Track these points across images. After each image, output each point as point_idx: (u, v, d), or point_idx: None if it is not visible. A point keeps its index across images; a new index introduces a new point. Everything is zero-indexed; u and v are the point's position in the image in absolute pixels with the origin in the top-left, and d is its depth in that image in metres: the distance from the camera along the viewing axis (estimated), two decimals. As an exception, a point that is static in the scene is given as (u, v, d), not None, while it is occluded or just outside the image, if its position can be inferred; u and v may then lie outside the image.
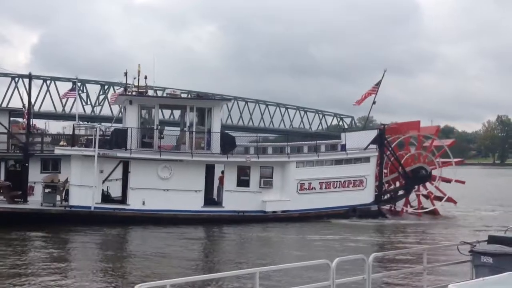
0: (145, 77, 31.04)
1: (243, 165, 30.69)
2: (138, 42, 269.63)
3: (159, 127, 30.89)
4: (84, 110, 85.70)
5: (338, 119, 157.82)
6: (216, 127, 31.15)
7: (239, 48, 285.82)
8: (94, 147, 28.67)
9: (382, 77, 35.33)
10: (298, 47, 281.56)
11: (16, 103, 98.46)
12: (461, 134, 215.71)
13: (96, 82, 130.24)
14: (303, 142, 36.99)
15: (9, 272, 17.72)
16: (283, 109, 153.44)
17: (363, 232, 28.28)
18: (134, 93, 30.77)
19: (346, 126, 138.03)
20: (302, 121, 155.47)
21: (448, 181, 35.68)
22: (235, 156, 30.61)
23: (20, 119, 43.22)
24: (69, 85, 68.84)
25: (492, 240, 9.55)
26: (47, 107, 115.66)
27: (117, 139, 29.92)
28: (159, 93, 32.48)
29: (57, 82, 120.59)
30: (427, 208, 34.80)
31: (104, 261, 20.73)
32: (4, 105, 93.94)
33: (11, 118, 37.19)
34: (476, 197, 47.95)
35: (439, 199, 35.22)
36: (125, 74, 31.37)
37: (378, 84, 35.16)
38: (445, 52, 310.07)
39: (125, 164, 30.21)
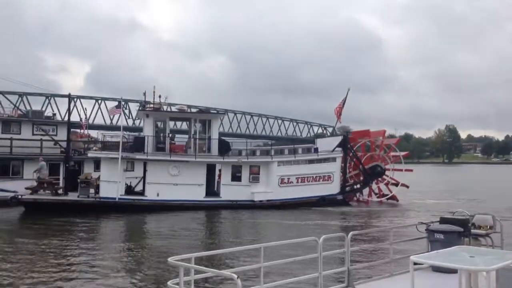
0: (159, 96, 30.67)
1: (236, 164, 30.13)
2: (164, 69, 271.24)
3: (170, 135, 30.23)
4: (127, 123, 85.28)
5: (323, 128, 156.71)
6: (215, 135, 30.70)
7: (242, 73, 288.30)
8: (119, 151, 27.80)
9: (347, 94, 34.81)
10: (286, 72, 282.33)
11: (74, 118, 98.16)
12: (418, 140, 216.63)
13: (136, 101, 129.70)
14: (284, 146, 36.19)
15: (53, 250, 17.33)
16: (280, 121, 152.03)
17: (334, 216, 27.69)
18: (150, 109, 30.02)
19: (328, 134, 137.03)
20: (295, 130, 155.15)
21: (395, 184, 34.91)
22: (230, 157, 30.40)
23: (77, 130, 43.03)
24: (115, 103, 68.34)
25: (443, 221, 9.54)
26: (99, 120, 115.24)
27: (137, 144, 29.38)
28: (172, 108, 31.72)
29: (106, 101, 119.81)
30: (387, 195, 33.82)
31: (127, 241, 20.41)
32: (65, 119, 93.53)
33: (71, 129, 36.69)
34: (428, 189, 47.06)
35: (395, 185, 34.43)
36: (144, 94, 30.91)
37: (344, 99, 34.24)
38: (401, 75, 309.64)
39: (144, 164, 29.36)
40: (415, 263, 5.75)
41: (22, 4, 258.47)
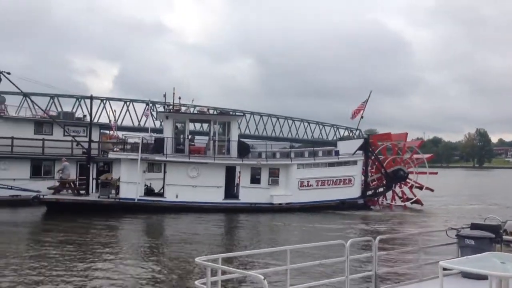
0: (179, 98, 30.65)
1: (255, 167, 29.69)
2: (190, 72, 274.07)
3: (189, 136, 30.03)
4: (155, 124, 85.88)
5: (349, 131, 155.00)
6: (234, 137, 30.30)
7: (268, 76, 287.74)
8: (138, 153, 27.85)
9: (369, 96, 34.15)
10: (312, 75, 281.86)
11: (104, 119, 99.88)
12: (447, 144, 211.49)
13: (163, 103, 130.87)
14: (304, 149, 35.61)
15: (75, 247, 17.61)
16: (305, 123, 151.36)
17: (356, 221, 26.95)
18: (170, 110, 29.95)
19: (355, 137, 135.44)
20: (321, 133, 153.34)
21: (420, 187, 34.01)
22: (249, 160, 30.04)
23: (107, 131, 43.51)
24: (143, 105, 68.79)
25: (474, 226, 9.38)
26: (127, 122, 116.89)
27: (157, 146, 29.30)
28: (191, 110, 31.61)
29: (134, 103, 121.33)
30: (411, 199, 32.91)
31: (146, 241, 20.27)
32: (95, 121, 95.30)
33: (101, 131, 37.70)
34: (455, 193, 45.79)
35: (420, 188, 33.46)
36: (164, 95, 30.94)
37: (366, 102, 33.56)
38: (428, 78, 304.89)
39: (164, 166, 29.32)
40: (444, 269, 5.67)
41: (51, 8, 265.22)
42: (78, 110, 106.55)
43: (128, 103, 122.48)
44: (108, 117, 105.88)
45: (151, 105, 33.00)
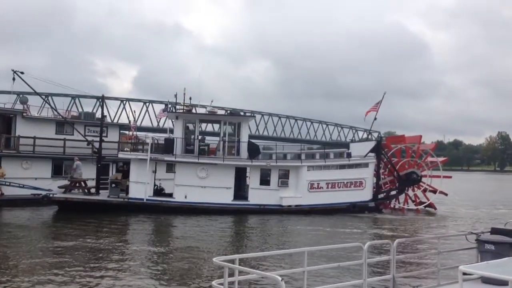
0: (190, 98, 30.38)
1: (265, 168, 29.16)
2: (209, 73, 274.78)
3: (199, 137, 29.69)
4: (173, 125, 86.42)
5: (368, 133, 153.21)
6: (244, 138, 29.85)
7: (285, 78, 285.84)
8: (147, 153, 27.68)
9: (382, 98, 33.28)
10: (330, 77, 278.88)
11: (124, 120, 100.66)
12: (468, 147, 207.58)
13: (191, 105, 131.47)
14: (315, 150, 34.97)
15: (84, 246, 17.62)
16: (324, 125, 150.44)
17: (368, 224, 26.54)
18: (180, 110, 29.76)
19: (374, 139, 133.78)
20: (339, 135, 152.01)
21: (433, 191, 33.10)
22: (258, 161, 29.55)
23: (126, 132, 43.59)
24: (162, 106, 69.14)
25: (494, 231, 9.24)
26: (147, 123, 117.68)
27: (167, 146, 28.99)
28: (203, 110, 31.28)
29: (153, 104, 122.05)
30: (424, 202, 32.11)
31: (153, 242, 20.11)
32: (115, 121, 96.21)
33: (121, 131, 37.88)
34: (474, 197, 44.65)
35: (433, 192, 32.63)
36: (175, 96, 30.73)
37: (379, 103, 32.76)
38: (448, 80, 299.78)
39: (173, 166, 29.15)
40: (464, 273, 5.63)
41: (72, 10, 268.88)
42: (99, 110, 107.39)
43: (147, 104, 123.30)
44: (128, 118, 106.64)
45: (170, 106, 32.70)
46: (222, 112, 36.20)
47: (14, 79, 29.74)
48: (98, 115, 51.31)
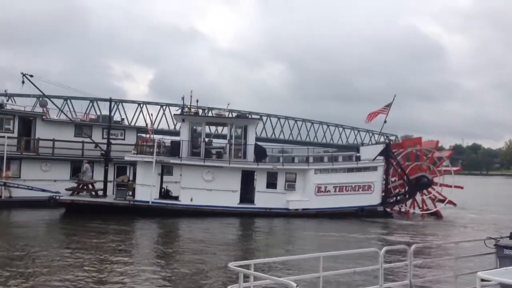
0: (197, 100, 30.00)
1: (272, 171, 28.68)
2: (224, 77, 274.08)
3: (206, 139, 29.36)
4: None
5: (385, 137, 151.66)
6: (251, 140, 29.41)
7: (300, 81, 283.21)
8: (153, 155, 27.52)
9: (393, 100, 32.34)
10: (345, 80, 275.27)
11: (141, 123, 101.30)
12: (487, 150, 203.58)
13: (197, 107, 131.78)
14: (324, 153, 34.20)
15: (88, 247, 17.58)
16: (340, 129, 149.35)
17: (371, 228, 25.90)
18: (186, 113, 29.46)
19: (392, 141, 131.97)
20: (356, 139, 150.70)
21: (442, 200, 32.27)
22: (265, 164, 29.06)
23: (143, 134, 43.48)
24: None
25: None
26: (163, 125, 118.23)
27: (173, 149, 28.73)
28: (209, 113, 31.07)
29: (170, 107, 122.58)
30: (430, 210, 31.06)
31: (158, 246, 19.86)
32: (132, 124, 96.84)
33: (138, 134, 37.80)
34: (491, 203, 43.50)
35: (442, 201, 31.41)
36: (182, 98, 30.34)
37: (389, 105, 31.95)
38: (465, 83, 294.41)
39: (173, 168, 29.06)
40: (482, 280, 5.54)
41: (89, 15, 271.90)
42: (116, 113, 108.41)
43: (164, 107, 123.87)
44: (145, 121, 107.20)
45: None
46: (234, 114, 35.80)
47: (23, 82, 29.84)
48: (116, 118, 51.85)
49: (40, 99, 38.02)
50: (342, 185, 29.52)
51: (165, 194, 29.76)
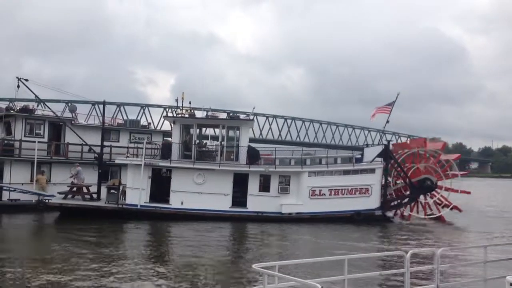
0: (190, 102, 28.88)
1: (265, 174, 27.02)
2: (243, 81, 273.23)
3: (197, 141, 28.01)
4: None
5: (397, 137, 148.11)
6: (244, 142, 27.93)
7: (320, 85, 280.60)
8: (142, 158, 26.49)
9: (396, 99, 30.17)
10: (365, 83, 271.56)
11: (166, 127, 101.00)
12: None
13: (223, 111, 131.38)
14: (321, 155, 32.20)
15: (77, 251, 17.15)
16: (366, 132, 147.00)
17: (364, 233, 24.32)
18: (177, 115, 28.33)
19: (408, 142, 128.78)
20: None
21: (447, 205, 30.20)
22: (257, 166, 27.55)
23: (169, 138, 42.83)
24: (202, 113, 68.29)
25: None
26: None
27: (164, 151, 27.51)
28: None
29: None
30: (433, 215, 28.73)
31: (145, 250, 19.00)
32: (158, 128, 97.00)
33: (164, 138, 37.21)
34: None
35: (447, 207, 29.02)
36: (176, 100, 29.16)
37: (392, 104, 29.82)
38: (488, 85, 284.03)
39: (170, 172, 27.64)
40: (511, 284, 5.56)
41: (112, 22, 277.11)
42: (142, 118, 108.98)
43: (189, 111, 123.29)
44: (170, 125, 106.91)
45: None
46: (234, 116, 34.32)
47: (18, 86, 29.33)
48: (143, 122, 51.78)
49: (69, 104, 37.87)
50: (338, 188, 27.83)
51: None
